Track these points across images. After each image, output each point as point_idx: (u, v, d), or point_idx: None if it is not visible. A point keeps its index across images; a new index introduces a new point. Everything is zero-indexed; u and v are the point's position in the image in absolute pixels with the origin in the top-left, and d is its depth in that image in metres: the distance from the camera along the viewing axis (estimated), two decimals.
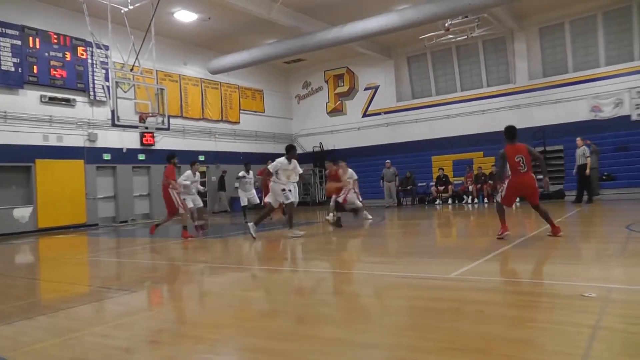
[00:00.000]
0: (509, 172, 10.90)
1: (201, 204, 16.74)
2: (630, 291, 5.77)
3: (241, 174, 19.05)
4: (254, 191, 19.22)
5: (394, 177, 26.25)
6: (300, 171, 13.96)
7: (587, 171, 20.41)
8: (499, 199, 11.25)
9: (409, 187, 27.09)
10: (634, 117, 24.52)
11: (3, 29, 20.19)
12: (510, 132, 11.55)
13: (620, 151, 24.13)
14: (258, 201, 19.03)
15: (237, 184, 20.02)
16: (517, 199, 12.87)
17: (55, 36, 21.83)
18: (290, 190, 13.52)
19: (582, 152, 20.67)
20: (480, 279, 6.71)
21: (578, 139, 21.39)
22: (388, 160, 26.51)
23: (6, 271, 10.97)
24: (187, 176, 16.03)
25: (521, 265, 7.84)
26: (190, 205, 15.96)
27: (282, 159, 13.48)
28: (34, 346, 4.75)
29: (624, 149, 24.11)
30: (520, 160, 10.80)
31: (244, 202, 19.26)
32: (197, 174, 16.38)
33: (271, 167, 13.54)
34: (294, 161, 13.61)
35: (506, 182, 10.99)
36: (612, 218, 15.64)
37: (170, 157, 15.81)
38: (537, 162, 11.70)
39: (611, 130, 24.63)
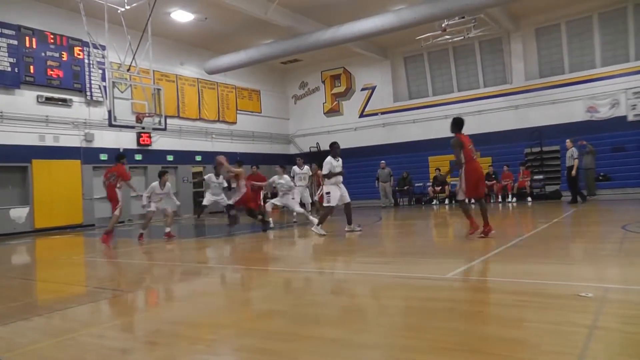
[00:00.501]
0: (463, 161, 11.14)
1: (170, 209, 16.25)
2: (627, 291, 5.78)
3: (208, 177, 18.33)
4: (223, 195, 18.78)
5: (389, 178, 26.28)
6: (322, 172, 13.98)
7: (573, 172, 20.55)
8: (462, 197, 11.40)
9: (405, 188, 27.11)
10: (630, 118, 24.56)
11: None
12: (461, 123, 12.15)
13: (617, 152, 24.17)
14: (226, 203, 18.46)
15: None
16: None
17: (51, 36, 21.81)
18: (328, 193, 13.60)
19: (571, 154, 20.81)
20: (476, 279, 6.73)
21: (567, 140, 21.52)
22: (383, 161, 26.54)
23: (2, 272, 10.95)
24: (151, 189, 15.60)
25: (517, 266, 7.84)
26: (152, 209, 15.68)
27: (330, 158, 13.59)
28: (30, 347, 4.75)
29: (620, 150, 24.15)
30: (473, 148, 11.37)
31: (207, 201, 18.15)
32: (167, 184, 15.64)
33: (324, 170, 13.61)
34: (340, 158, 13.73)
35: (463, 175, 11.17)
36: (608, 218, 15.67)
37: (121, 157, 15.66)
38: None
39: (607, 131, 24.66)
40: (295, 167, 19.13)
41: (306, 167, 19.12)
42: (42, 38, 21.47)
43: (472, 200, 12.68)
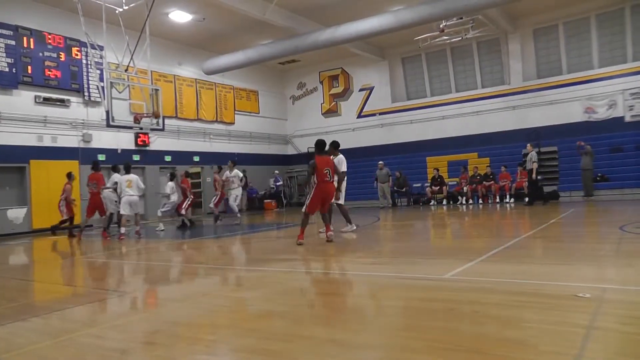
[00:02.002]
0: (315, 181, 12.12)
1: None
2: (624, 291, 5.80)
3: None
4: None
5: (387, 178, 26.27)
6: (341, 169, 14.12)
7: (534, 176, 20.76)
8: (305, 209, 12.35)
9: (403, 189, 27.11)
10: (628, 119, 24.59)
11: None
12: (322, 145, 12.72)
13: (614, 152, 24.21)
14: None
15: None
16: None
17: (49, 36, 21.80)
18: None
19: (530, 157, 20.96)
20: (474, 279, 6.72)
21: (528, 145, 21.76)
22: (381, 162, 26.53)
23: (0, 272, 10.95)
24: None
25: (515, 266, 7.85)
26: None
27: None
28: (28, 348, 4.75)
29: (618, 150, 24.18)
30: (328, 172, 12.13)
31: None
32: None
33: (344, 168, 13.90)
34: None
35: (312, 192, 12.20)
36: (605, 219, 15.69)
37: (96, 164, 18.42)
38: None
39: (605, 132, 24.69)
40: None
41: (236, 171, 19.28)
42: (39, 38, 21.46)
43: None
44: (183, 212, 19.25)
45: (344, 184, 13.71)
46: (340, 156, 13.88)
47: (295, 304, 6.15)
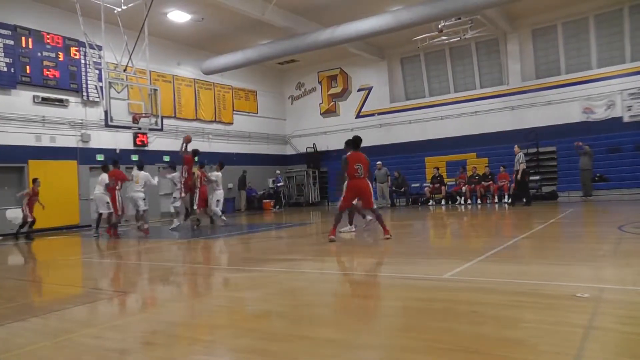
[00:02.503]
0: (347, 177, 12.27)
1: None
2: (623, 291, 5.80)
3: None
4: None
5: (386, 178, 26.24)
6: None
7: (519, 176, 20.95)
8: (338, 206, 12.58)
9: (402, 190, 27.11)
10: (626, 119, 24.63)
11: None
12: (355, 142, 13.29)
13: (612, 152, 24.23)
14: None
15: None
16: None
17: (48, 36, 21.78)
18: None
19: (517, 159, 21.08)
20: (473, 279, 6.73)
21: (515, 146, 21.84)
22: (379, 162, 26.53)
23: None
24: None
25: (514, 266, 7.86)
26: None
27: None
28: (27, 348, 4.75)
29: (616, 151, 24.21)
30: (359, 167, 12.22)
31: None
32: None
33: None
34: None
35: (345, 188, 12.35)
36: (604, 219, 15.69)
37: (116, 162, 18.21)
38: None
39: (603, 132, 24.74)
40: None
41: (215, 173, 19.33)
42: (38, 38, 21.45)
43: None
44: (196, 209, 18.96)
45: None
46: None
47: (294, 304, 6.15)
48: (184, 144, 17.70)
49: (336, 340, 4.46)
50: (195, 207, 18.31)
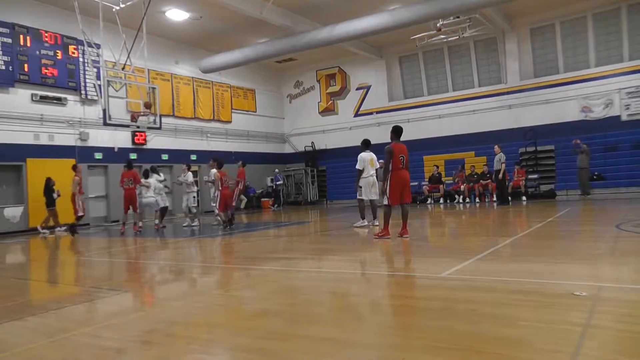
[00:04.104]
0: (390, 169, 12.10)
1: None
2: (620, 289, 5.80)
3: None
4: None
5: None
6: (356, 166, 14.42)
7: (500, 175, 21.35)
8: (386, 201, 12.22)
9: None
10: (624, 118, 24.65)
11: None
12: (399, 131, 13.25)
13: (610, 151, 24.26)
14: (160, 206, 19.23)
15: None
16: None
17: (46, 34, 21.75)
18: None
19: (499, 159, 21.39)
20: (471, 278, 6.73)
21: (496, 146, 22.02)
22: (381, 160, 26.50)
23: None
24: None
25: (512, 264, 7.87)
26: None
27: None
28: (24, 347, 4.74)
29: (614, 149, 24.24)
30: (402, 159, 12.35)
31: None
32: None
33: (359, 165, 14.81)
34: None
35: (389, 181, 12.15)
36: (601, 217, 15.71)
37: (130, 163, 18.65)
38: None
39: (601, 131, 24.77)
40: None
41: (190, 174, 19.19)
42: (36, 36, 21.41)
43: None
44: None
45: (367, 180, 14.11)
46: (361, 154, 14.40)
47: (291, 303, 6.14)
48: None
49: (334, 338, 4.46)
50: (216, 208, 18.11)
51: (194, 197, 19.40)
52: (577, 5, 25.88)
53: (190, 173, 19.36)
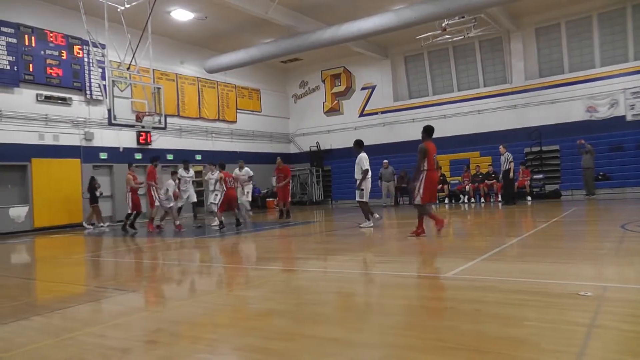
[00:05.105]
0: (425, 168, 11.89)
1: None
2: (626, 290, 5.79)
3: (180, 172, 19.26)
4: (192, 190, 19.32)
5: (392, 177, 26.27)
6: (363, 167, 14.41)
7: (512, 174, 21.74)
8: (419, 200, 11.87)
9: (404, 185, 27.06)
10: (629, 118, 24.61)
11: None
12: (431, 130, 12.89)
13: (615, 151, 24.23)
14: (195, 199, 19.55)
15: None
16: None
17: (51, 34, 21.79)
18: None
19: (506, 158, 21.59)
20: (476, 278, 6.72)
21: (501, 146, 22.17)
22: (386, 160, 26.53)
23: (1, 271, 10.95)
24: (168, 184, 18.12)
25: (517, 264, 7.86)
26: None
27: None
28: (29, 347, 4.75)
29: (619, 149, 24.20)
30: (435, 158, 12.09)
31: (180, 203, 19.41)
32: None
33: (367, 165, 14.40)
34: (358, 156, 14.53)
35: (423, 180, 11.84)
36: (607, 217, 15.67)
37: (154, 160, 18.60)
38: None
39: (606, 131, 24.74)
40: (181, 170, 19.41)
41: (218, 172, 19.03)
42: (41, 36, 21.45)
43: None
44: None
45: (369, 182, 14.02)
46: (363, 154, 14.21)
47: (297, 303, 6.14)
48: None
49: (339, 339, 4.46)
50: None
51: (216, 195, 19.38)
52: (582, 5, 25.86)
53: (218, 172, 19.23)
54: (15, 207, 20.53)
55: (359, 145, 14.63)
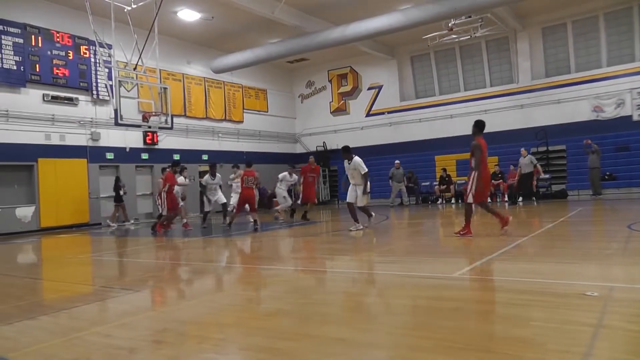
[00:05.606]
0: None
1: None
2: (632, 290, 5.78)
3: (206, 179, 18.94)
4: (220, 193, 19.10)
5: (402, 178, 26.25)
6: (363, 171, 13.93)
7: (541, 175, 22.23)
8: (471, 199, 11.34)
9: (411, 185, 27.04)
10: (635, 118, 24.54)
11: (5, 27, 20.18)
12: (483, 125, 11.73)
13: (621, 151, 24.17)
14: (224, 200, 19.11)
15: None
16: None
17: (57, 35, 21.82)
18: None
19: (530, 160, 21.83)
20: (482, 278, 6.73)
21: (522, 149, 22.53)
22: (397, 161, 26.51)
23: (8, 271, 10.99)
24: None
25: (523, 265, 7.85)
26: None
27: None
28: (36, 346, 4.76)
29: (625, 149, 24.14)
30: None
31: (208, 207, 19.33)
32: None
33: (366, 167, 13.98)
34: (352, 161, 13.93)
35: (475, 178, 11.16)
36: (613, 217, 15.66)
37: (175, 164, 18.51)
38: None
39: (612, 131, 24.67)
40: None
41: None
42: (48, 36, 21.49)
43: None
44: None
45: (369, 184, 13.88)
46: (357, 158, 13.92)
47: (303, 303, 6.14)
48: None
49: (345, 339, 4.46)
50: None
51: (232, 196, 19.35)
52: (588, 4, 25.79)
53: (239, 171, 19.04)
54: (21, 207, 20.58)
55: (348, 151, 14.19)
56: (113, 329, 5.31)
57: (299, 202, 19.70)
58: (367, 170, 13.90)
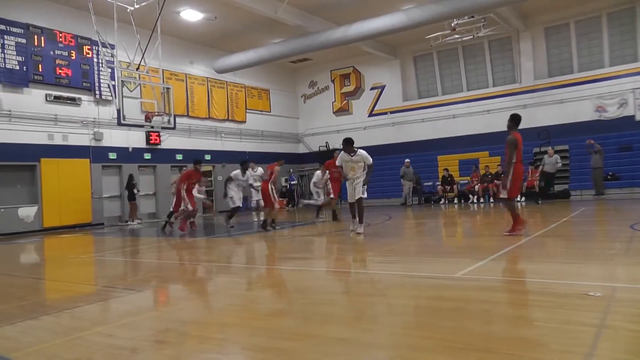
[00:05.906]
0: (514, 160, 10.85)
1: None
2: (635, 290, 5.76)
3: (235, 174, 18.11)
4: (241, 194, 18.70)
5: (413, 176, 26.27)
6: (370, 161, 13.31)
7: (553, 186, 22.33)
8: (504, 195, 10.95)
9: (413, 185, 27.06)
10: (638, 117, 24.53)
11: (8, 27, 20.21)
12: (519, 119, 11.58)
13: (624, 151, 24.15)
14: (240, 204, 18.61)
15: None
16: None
17: (60, 35, 21.85)
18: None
19: (555, 160, 22.19)
20: (485, 278, 6.71)
21: (549, 148, 22.73)
22: (407, 160, 26.56)
23: (11, 271, 11.00)
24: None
25: (526, 265, 7.84)
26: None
27: (342, 153, 13.51)
28: (38, 346, 4.75)
29: (628, 149, 24.12)
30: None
31: (236, 203, 18.18)
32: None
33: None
34: (357, 153, 13.28)
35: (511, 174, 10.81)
36: (616, 217, 15.64)
37: (197, 163, 17.33)
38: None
39: (615, 131, 24.66)
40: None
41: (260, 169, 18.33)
42: (50, 37, 21.52)
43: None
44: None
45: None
46: (362, 150, 13.48)
47: (305, 303, 6.14)
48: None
49: (347, 339, 4.45)
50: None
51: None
52: (591, 4, 25.78)
53: (260, 168, 18.64)
54: (24, 207, 20.60)
55: (351, 143, 13.64)
56: (115, 329, 5.31)
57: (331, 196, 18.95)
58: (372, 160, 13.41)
